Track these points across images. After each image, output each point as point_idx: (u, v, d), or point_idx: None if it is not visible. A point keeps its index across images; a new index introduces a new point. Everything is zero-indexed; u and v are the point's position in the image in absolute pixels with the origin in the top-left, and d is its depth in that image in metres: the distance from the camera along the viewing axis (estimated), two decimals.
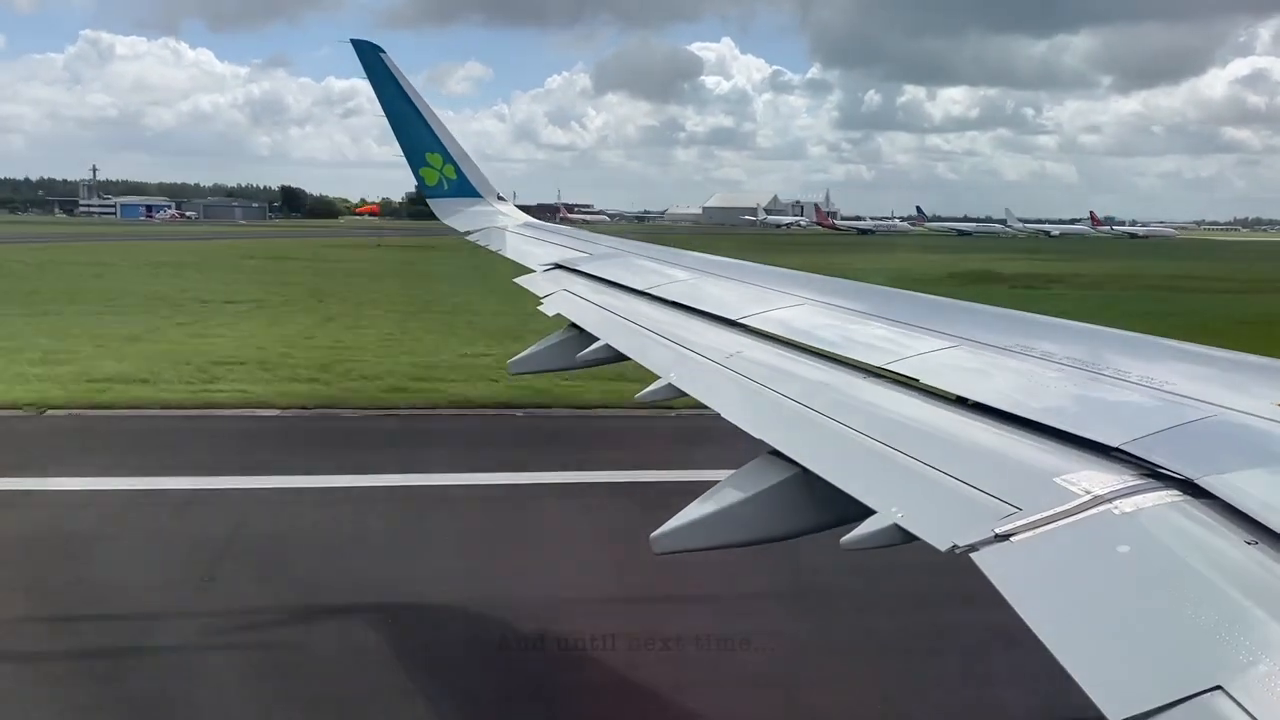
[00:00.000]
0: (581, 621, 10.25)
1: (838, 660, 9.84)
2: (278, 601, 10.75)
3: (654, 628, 9.88)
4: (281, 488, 14.72)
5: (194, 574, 11.34)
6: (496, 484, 15.26)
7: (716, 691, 9.11)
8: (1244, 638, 1.92)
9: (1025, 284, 56.22)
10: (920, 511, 2.85)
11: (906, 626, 10.35)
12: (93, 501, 13.84)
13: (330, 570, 11.66)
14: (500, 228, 11.72)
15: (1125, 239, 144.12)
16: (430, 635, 10.21)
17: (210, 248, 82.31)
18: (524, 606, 10.72)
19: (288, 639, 10.03)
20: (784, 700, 9.12)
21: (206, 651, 9.67)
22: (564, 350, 6.95)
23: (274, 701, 8.85)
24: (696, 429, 14.24)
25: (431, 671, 9.53)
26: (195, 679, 9.17)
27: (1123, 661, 2.01)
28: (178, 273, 52.83)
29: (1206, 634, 1.97)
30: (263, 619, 10.44)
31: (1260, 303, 47.90)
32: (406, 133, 12.07)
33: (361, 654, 9.58)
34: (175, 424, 18.91)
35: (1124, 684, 1.91)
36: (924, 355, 4.15)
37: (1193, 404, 3.07)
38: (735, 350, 4.96)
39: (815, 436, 3.68)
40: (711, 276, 7.25)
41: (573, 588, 11.12)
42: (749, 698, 9.16)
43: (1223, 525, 2.31)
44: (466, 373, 23.48)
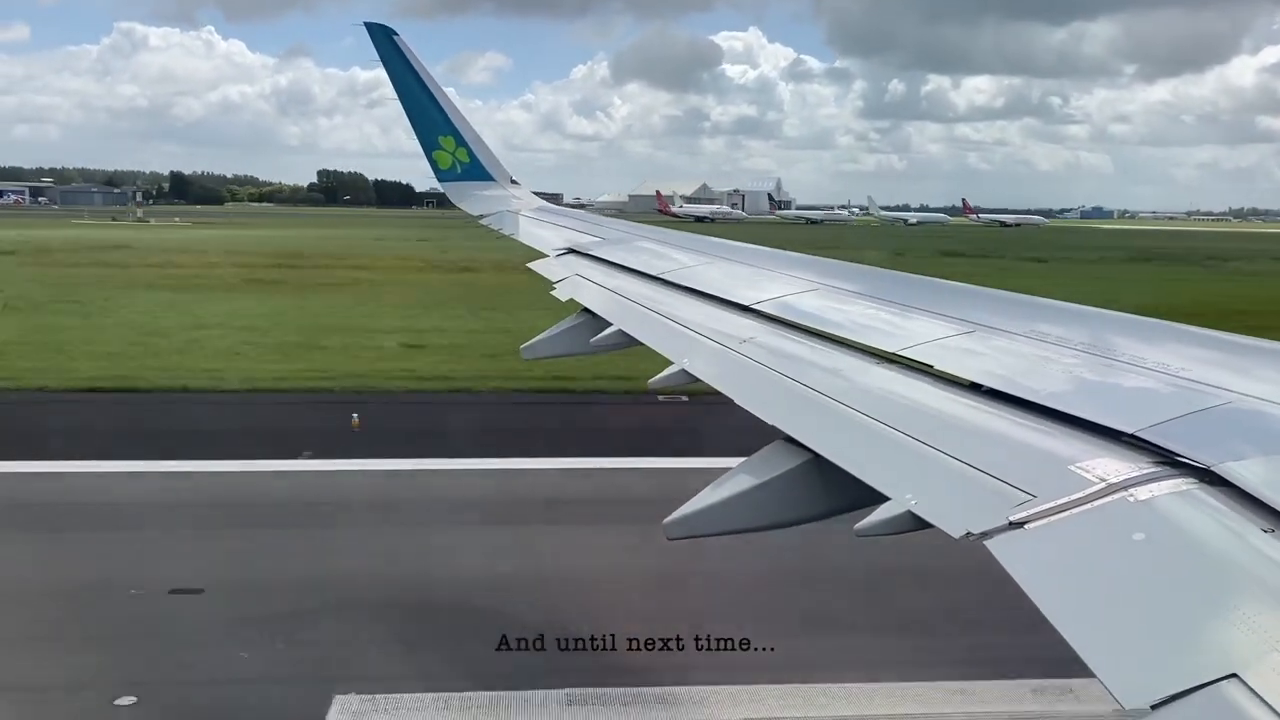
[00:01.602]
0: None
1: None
2: None
3: None
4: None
5: None
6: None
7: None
8: (1260, 626, 1.91)
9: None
10: (934, 498, 2.84)
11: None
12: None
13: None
14: (513, 211, 11.70)
15: (995, 227, 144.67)
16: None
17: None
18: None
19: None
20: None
21: None
22: (578, 335, 6.94)
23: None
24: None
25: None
26: None
27: (1138, 650, 2.00)
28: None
29: (1222, 622, 1.96)
30: None
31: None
32: (419, 116, 12.05)
33: None
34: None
35: (1139, 672, 1.91)
36: (938, 341, 4.12)
37: (1209, 390, 3.05)
38: (748, 336, 4.94)
39: (828, 422, 3.67)
40: (724, 261, 7.22)
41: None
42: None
43: (1240, 513, 2.30)
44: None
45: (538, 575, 13.86)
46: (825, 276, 5.92)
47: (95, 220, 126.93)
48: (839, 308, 5.16)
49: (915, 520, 2.82)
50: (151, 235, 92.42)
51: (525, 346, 7.43)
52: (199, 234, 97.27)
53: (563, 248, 9.00)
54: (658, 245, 8.59)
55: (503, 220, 11.43)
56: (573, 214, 13.16)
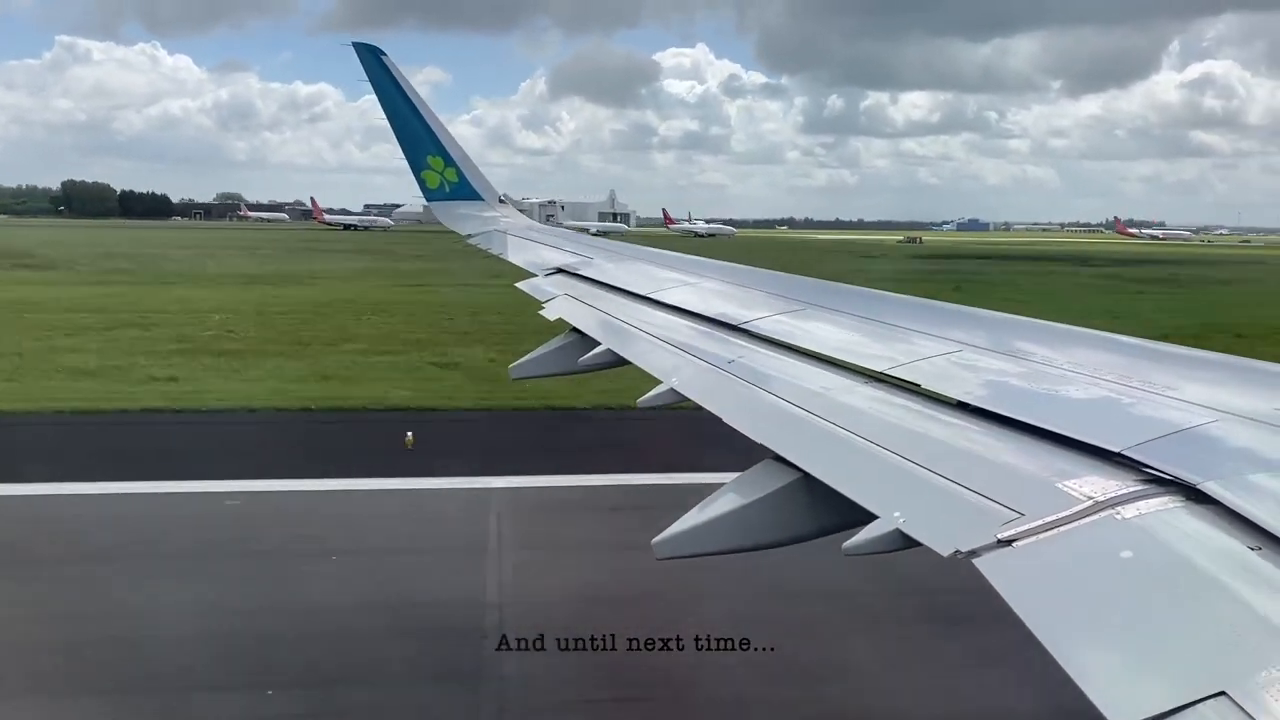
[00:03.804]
0: None
1: None
2: None
3: None
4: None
5: None
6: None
7: None
8: (1248, 643, 1.92)
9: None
10: (922, 516, 2.85)
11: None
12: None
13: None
14: (501, 231, 11.71)
15: (691, 237, 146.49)
16: None
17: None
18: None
19: None
20: None
21: None
22: (566, 354, 6.94)
23: None
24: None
25: None
26: None
27: (1127, 667, 2.00)
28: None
29: (1211, 640, 1.97)
30: None
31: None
32: (407, 135, 12.06)
33: None
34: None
35: (1128, 689, 1.91)
36: (927, 359, 4.14)
37: (1195, 409, 3.07)
38: (737, 355, 4.95)
39: (817, 442, 3.67)
40: (713, 281, 7.25)
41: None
42: None
43: (1226, 530, 2.31)
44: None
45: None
46: (821, 299, 5.94)
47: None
48: (830, 329, 5.19)
49: (904, 539, 2.82)
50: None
51: (514, 366, 7.40)
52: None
53: (552, 268, 9.01)
54: (648, 265, 8.62)
55: (491, 240, 11.43)
56: (562, 234, 13.17)
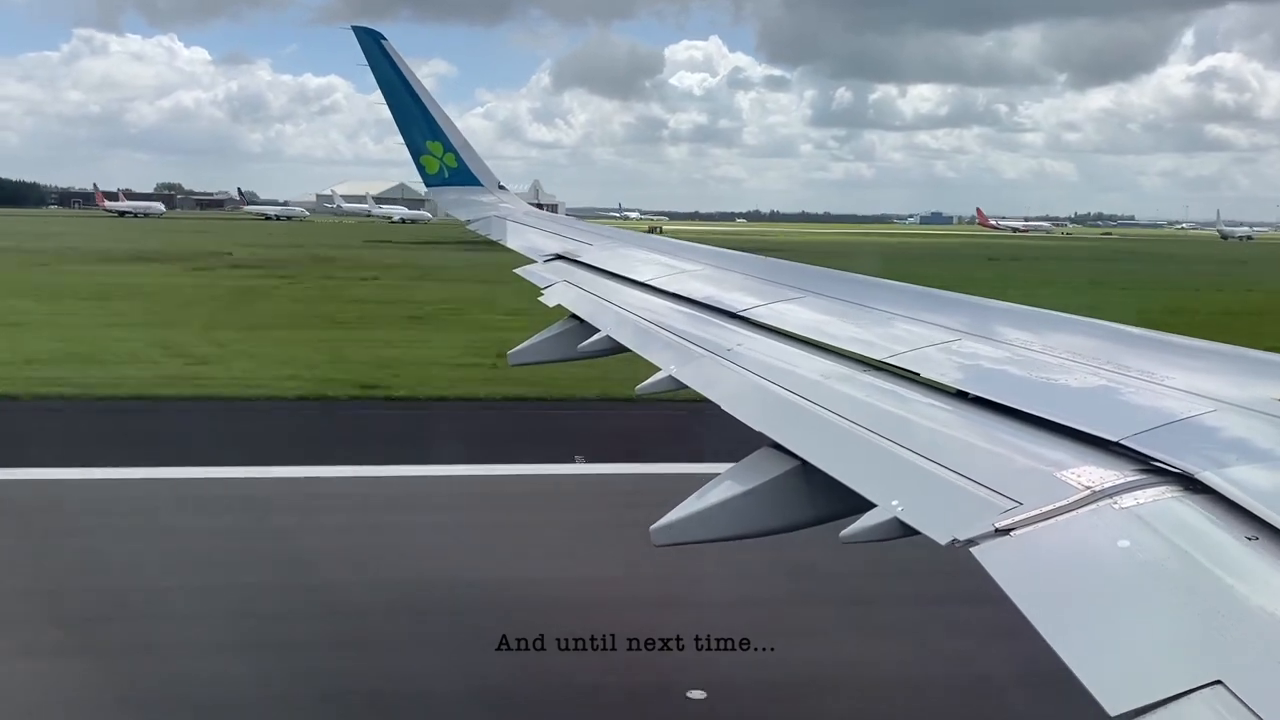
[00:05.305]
0: None
1: None
2: None
3: None
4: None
5: None
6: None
7: None
8: (1244, 633, 1.93)
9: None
10: (920, 505, 2.85)
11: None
12: None
13: None
14: (501, 216, 11.68)
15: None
16: None
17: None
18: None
19: None
20: None
21: None
22: (565, 341, 6.94)
23: None
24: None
25: None
26: None
27: (1123, 656, 2.01)
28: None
29: (1207, 629, 1.98)
30: None
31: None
32: (407, 120, 12.01)
33: None
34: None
35: (1124, 678, 1.92)
36: (926, 347, 4.14)
37: (1193, 398, 3.07)
38: (736, 344, 4.95)
39: (815, 430, 3.67)
40: (712, 269, 7.23)
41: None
42: None
43: (1222, 520, 2.31)
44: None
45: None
46: (822, 286, 5.93)
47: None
48: (829, 318, 5.17)
49: (902, 527, 2.83)
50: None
51: (513, 352, 7.40)
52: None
53: (551, 254, 9.00)
54: (647, 252, 8.60)
55: (490, 226, 11.39)
56: (561, 220, 13.14)
